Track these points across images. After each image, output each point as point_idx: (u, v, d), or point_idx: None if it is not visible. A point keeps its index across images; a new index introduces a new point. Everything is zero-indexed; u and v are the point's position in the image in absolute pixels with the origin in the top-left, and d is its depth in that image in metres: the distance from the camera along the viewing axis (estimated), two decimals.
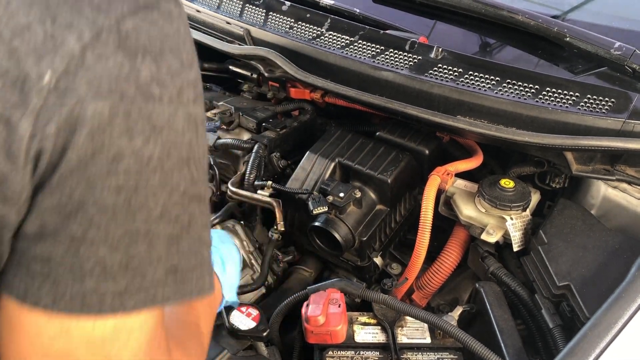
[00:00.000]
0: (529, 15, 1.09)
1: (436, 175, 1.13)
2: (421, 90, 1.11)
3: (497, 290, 1.03)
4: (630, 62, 1.01)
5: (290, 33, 1.30)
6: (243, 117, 1.36)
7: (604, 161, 1.07)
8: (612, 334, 0.78)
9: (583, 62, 1.10)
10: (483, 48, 1.31)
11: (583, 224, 1.04)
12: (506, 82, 1.07)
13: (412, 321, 1.01)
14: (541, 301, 0.98)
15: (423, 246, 1.10)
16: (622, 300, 0.81)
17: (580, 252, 0.99)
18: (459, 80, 1.10)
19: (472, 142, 1.23)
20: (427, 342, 0.98)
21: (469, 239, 1.18)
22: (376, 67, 1.16)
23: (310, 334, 0.95)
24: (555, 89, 1.04)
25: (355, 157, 1.16)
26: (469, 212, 1.11)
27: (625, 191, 1.05)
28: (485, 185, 1.09)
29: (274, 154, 1.27)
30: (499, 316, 0.97)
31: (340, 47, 1.23)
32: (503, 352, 0.91)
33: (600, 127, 0.99)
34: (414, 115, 1.10)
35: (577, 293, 0.92)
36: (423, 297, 1.18)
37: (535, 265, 1.02)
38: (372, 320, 1.02)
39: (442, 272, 1.16)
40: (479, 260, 1.12)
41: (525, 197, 1.07)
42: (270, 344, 1.02)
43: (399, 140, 1.21)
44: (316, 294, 0.99)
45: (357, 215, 1.12)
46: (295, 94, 1.42)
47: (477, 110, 1.07)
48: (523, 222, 1.08)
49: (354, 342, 0.98)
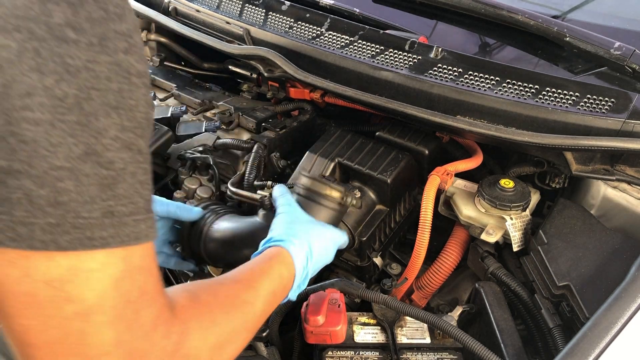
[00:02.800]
0: (529, 15, 1.09)
1: (436, 175, 1.13)
2: (421, 90, 1.11)
3: (496, 290, 1.03)
4: (630, 62, 1.01)
5: (290, 33, 1.30)
6: (242, 117, 1.36)
7: (603, 161, 1.07)
8: (611, 334, 0.78)
9: (583, 62, 1.10)
10: (483, 48, 1.31)
11: (583, 224, 1.04)
12: (506, 82, 1.07)
13: (411, 321, 1.01)
14: (541, 301, 0.98)
15: (423, 246, 1.10)
16: (622, 300, 0.81)
17: (580, 252, 0.99)
18: (458, 80, 1.10)
19: (471, 142, 1.23)
20: (427, 342, 0.98)
21: (468, 239, 1.18)
22: (376, 67, 1.16)
23: (310, 334, 0.95)
24: (555, 89, 1.04)
25: (354, 157, 1.16)
26: (469, 212, 1.11)
27: (625, 191, 1.05)
28: (485, 185, 1.09)
29: (274, 154, 1.27)
30: (499, 316, 0.97)
31: (340, 47, 1.23)
32: (503, 352, 0.91)
33: (600, 127, 0.99)
34: (414, 115, 1.10)
35: (576, 293, 0.92)
36: (423, 297, 1.18)
37: (535, 265, 1.02)
38: (372, 321, 1.02)
39: (441, 272, 1.16)
40: (478, 260, 1.12)
41: (525, 197, 1.07)
42: (269, 344, 1.02)
43: (399, 140, 1.21)
44: (316, 294, 0.99)
45: (356, 215, 1.12)
46: (294, 94, 1.42)
47: (476, 110, 1.07)
48: (523, 222, 1.08)
49: (354, 342, 0.98)
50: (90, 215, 0.48)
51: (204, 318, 0.61)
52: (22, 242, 0.47)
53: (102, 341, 0.51)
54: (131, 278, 0.52)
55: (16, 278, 0.48)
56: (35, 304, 0.48)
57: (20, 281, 0.48)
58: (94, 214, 0.49)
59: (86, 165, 0.48)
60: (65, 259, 0.48)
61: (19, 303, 0.49)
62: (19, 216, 0.46)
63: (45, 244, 0.47)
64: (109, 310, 0.51)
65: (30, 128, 0.46)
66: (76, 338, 0.50)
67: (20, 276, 0.48)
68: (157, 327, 0.55)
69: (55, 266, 0.48)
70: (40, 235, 0.47)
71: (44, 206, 0.47)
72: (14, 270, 0.48)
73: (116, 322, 0.51)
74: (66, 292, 0.49)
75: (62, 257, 0.48)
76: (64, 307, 0.49)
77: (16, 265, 0.48)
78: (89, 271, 0.49)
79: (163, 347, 0.55)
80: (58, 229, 0.47)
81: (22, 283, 0.48)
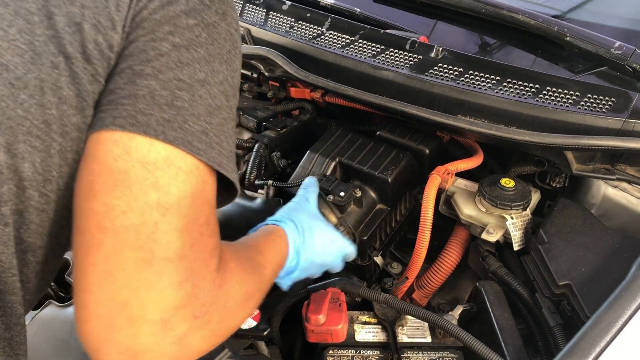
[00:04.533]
0: (529, 14, 1.09)
1: (436, 174, 1.13)
2: (421, 90, 1.11)
3: (497, 289, 1.03)
4: (630, 61, 1.01)
5: (291, 32, 1.31)
6: (243, 116, 1.36)
7: (604, 160, 1.07)
8: (612, 333, 0.78)
9: (583, 62, 1.10)
10: (483, 47, 1.31)
11: (583, 223, 1.04)
12: (506, 82, 1.07)
13: (412, 320, 1.01)
14: (541, 300, 0.98)
15: (423, 245, 1.10)
16: (623, 300, 0.81)
17: (581, 252, 0.99)
18: (459, 79, 1.10)
19: (472, 142, 1.23)
20: (428, 341, 0.98)
21: (469, 238, 1.18)
22: (376, 67, 1.17)
23: (311, 333, 0.95)
24: (555, 89, 1.04)
25: (355, 156, 1.16)
26: (470, 212, 1.11)
27: (626, 190, 1.06)
28: (485, 185, 1.09)
29: (275, 153, 1.27)
30: (500, 315, 0.97)
31: (340, 46, 1.23)
32: (503, 351, 0.91)
33: (601, 126, 0.99)
34: (415, 114, 1.10)
35: (577, 292, 0.93)
36: (423, 296, 1.19)
37: (536, 264, 1.02)
38: (373, 320, 1.02)
39: (442, 272, 1.16)
40: (479, 260, 1.12)
41: (525, 197, 1.08)
42: (271, 344, 1.02)
43: (399, 140, 1.21)
44: (317, 293, 0.99)
45: (357, 215, 1.12)
46: (295, 94, 1.42)
47: (477, 109, 1.07)
48: (523, 222, 1.08)
49: (355, 342, 0.98)
50: (193, 127, 0.58)
51: (240, 268, 0.67)
52: (139, 127, 0.56)
53: (169, 244, 0.56)
54: (202, 200, 0.59)
55: (116, 155, 0.55)
56: (126, 181, 0.55)
57: (119, 158, 0.55)
58: (196, 127, 0.58)
59: (202, 89, 0.59)
60: (164, 149, 0.56)
61: (111, 179, 0.55)
62: (141, 107, 0.56)
63: (157, 132, 0.56)
64: (182, 217, 0.57)
65: (167, 46, 0.58)
66: (149, 230, 0.55)
67: (120, 153, 0.55)
68: (213, 257, 0.61)
69: (154, 151, 0.56)
70: (155, 125, 0.56)
71: (162, 104, 0.57)
72: (116, 148, 0.56)
73: (185, 233, 0.57)
74: (156, 178, 0.56)
75: (163, 147, 0.56)
76: (150, 193, 0.55)
77: (119, 144, 0.56)
78: (179, 169, 0.57)
79: (214, 278, 0.60)
80: (169, 125, 0.56)
81: (120, 160, 0.55)
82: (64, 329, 0.95)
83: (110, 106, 0.58)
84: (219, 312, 0.61)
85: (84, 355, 0.91)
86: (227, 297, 0.62)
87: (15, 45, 0.56)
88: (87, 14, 0.58)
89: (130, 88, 0.57)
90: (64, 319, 0.97)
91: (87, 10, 0.58)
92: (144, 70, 0.57)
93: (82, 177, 0.57)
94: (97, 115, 0.58)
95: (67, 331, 0.95)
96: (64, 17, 0.57)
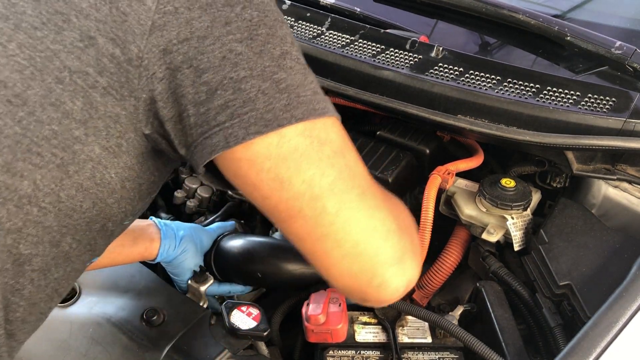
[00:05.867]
0: (530, 14, 1.09)
1: (437, 174, 1.13)
2: (422, 90, 1.11)
3: (497, 289, 1.03)
4: (631, 61, 1.01)
5: None
6: None
7: (604, 160, 1.07)
8: (613, 333, 0.78)
9: (584, 62, 1.10)
10: (484, 47, 1.31)
11: (584, 223, 1.04)
12: (507, 82, 1.07)
13: (412, 320, 1.01)
14: (542, 300, 0.98)
15: (424, 245, 1.10)
16: (623, 300, 0.81)
17: (581, 252, 0.99)
18: (459, 79, 1.10)
19: (472, 142, 1.23)
20: (428, 342, 0.98)
21: (469, 239, 1.17)
22: (377, 66, 1.16)
23: (311, 333, 0.95)
24: (556, 88, 1.04)
25: None
26: (470, 212, 1.11)
27: (626, 190, 1.05)
28: (486, 185, 1.09)
29: None
30: (500, 315, 0.97)
31: (340, 46, 1.23)
32: (504, 351, 0.91)
33: (601, 126, 0.99)
34: (415, 114, 1.10)
35: (578, 292, 0.92)
36: (424, 296, 1.18)
37: (536, 264, 1.02)
38: (373, 320, 1.02)
39: (442, 272, 1.15)
40: (479, 260, 1.12)
41: (526, 197, 1.07)
42: (271, 344, 1.02)
43: (400, 140, 1.21)
44: (317, 293, 0.99)
45: None
46: None
47: (477, 109, 1.07)
48: (524, 222, 1.08)
49: (355, 342, 0.98)
50: (306, 94, 0.62)
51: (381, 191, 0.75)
52: (272, 124, 0.59)
53: (372, 187, 0.68)
54: (346, 144, 0.68)
55: (260, 163, 0.60)
56: (302, 156, 0.61)
57: (265, 162, 0.60)
58: (307, 92, 0.62)
59: (286, 61, 0.61)
60: (302, 124, 0.61)
61: (285, 166, 0.60)
62: (261, 108, 0.59)
63: (288, 119, 0.59)
64: (359, 161, 0.69)
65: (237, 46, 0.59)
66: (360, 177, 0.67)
67: (264, 157, 0.60)
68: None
69: (289, 133, 0.60)
70: (281, 115, 0.59)
71: (274, 94, 0.59)
72: (267, 149, 0.60)
73: (367, 173, 0.70)
74: (317, 137, 0.62)
75: (293, 126, 0.60)
76: (323, 149, 0.62)
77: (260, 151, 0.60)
78: (322, 128, 0.63)
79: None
80: (290, 107, 0.60)
81: (283, 145, 0.60)
82: (64, 329, 0.95)
83: (230, 120, 0.59)
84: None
85: (84, 355, 0.91)
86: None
87: (15, 61, 0.55)
88: (102, 27, 0.57)
89: (240, 96, 0.59)
90: (64, 319, 0.96)
91: (103, 25, 0.57)
92: (239, 74, 0.59)
93: (259, 193, 0.62)
94: (219, 133, 0.59)
95: (67, 331, 0.95)
96: (76, 31, 0.57)
